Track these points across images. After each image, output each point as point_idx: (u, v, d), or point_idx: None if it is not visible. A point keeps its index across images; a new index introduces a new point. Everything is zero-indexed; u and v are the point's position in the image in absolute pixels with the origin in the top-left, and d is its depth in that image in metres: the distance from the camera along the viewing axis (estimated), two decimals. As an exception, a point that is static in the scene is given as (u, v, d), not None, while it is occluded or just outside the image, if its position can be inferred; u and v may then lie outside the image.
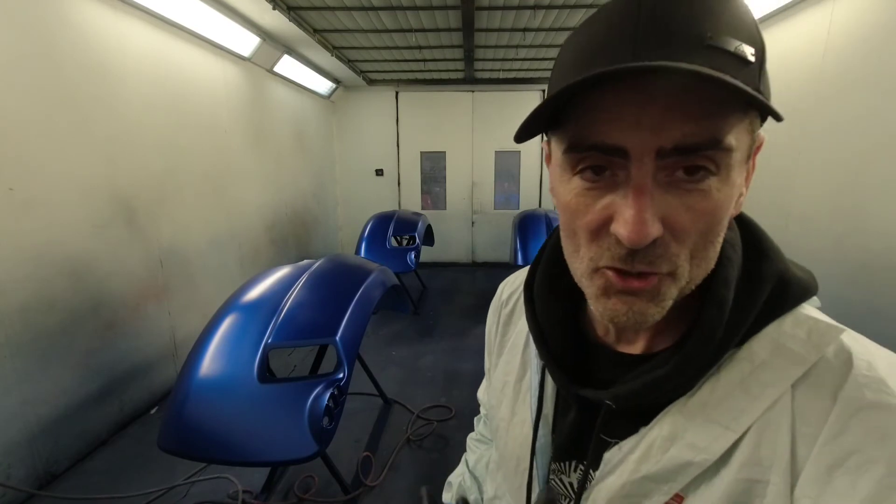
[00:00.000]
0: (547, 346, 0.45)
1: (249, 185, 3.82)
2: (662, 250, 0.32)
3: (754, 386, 0.34)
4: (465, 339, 3.67)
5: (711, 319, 0.35)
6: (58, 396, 2.04)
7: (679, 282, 0.34)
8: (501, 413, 0.53)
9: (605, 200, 0.33)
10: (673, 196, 0.32)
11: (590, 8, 3.30)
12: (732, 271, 0.37)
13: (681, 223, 0.32)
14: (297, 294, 1.84)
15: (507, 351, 0.55)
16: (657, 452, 0.36)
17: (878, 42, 2.11)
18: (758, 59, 0.31)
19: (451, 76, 5.56)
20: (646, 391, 0.37)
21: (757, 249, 0.39)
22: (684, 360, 0.36)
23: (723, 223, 0.33)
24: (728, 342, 0.35)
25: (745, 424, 0.34)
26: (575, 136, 0.33)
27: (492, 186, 6.33)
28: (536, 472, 0.46)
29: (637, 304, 0.34)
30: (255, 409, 1.53)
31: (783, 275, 0.38)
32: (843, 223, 2.30)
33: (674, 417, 0.36)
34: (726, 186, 0.32)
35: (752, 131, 0.33)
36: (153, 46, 2.64)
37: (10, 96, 1.82)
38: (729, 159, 0.31)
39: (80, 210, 2.15)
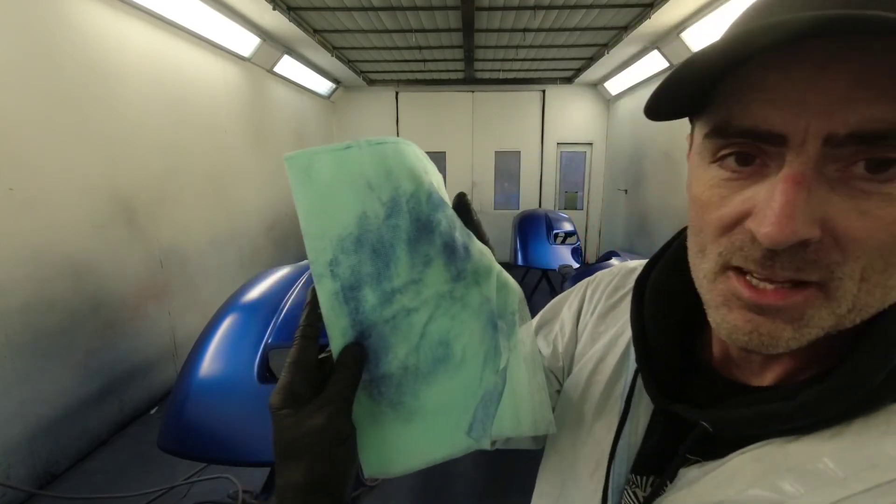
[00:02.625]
0: (647, 354, 0.39)
1: (249, 185, 3.82)
2: (816, 256, 0.25)
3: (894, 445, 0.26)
4: (465, 339, 3.66)
5: (869, 357, 0.27)
6: (58, 396, 2.04)
7: (836, 305, 0.26)
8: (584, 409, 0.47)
9: (748, 193, 0.27)
10: (843, 197, 0.24)
11: (590, 8, 3.30)
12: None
13: (851, 231, 0.24)
14: (298, 294, 1.84)
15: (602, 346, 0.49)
16: (742, 481, 0.30)
17: None
18: None
19: (451, 76, 5.56)
20: (756, 422, 0.30)
21: None
22: (818, 400, 0.28)
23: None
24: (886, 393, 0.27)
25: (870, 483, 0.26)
26: (723, 119, 0.27)
27: (492, 186, 6.34)
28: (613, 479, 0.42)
29: (766, 324, 0.27)
30: (255, 409, 1.53)
31: None
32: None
33: (776, 450, 0.30)
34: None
35: None
36: (153, 46, 2.64)
37: (10, 96, 1.82)
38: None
39: (80, 210, 2.15)
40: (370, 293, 0.35)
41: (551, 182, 6.38)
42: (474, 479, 2.03)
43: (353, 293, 0.35)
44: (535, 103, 6.07)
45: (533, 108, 6.08)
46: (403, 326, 0.36)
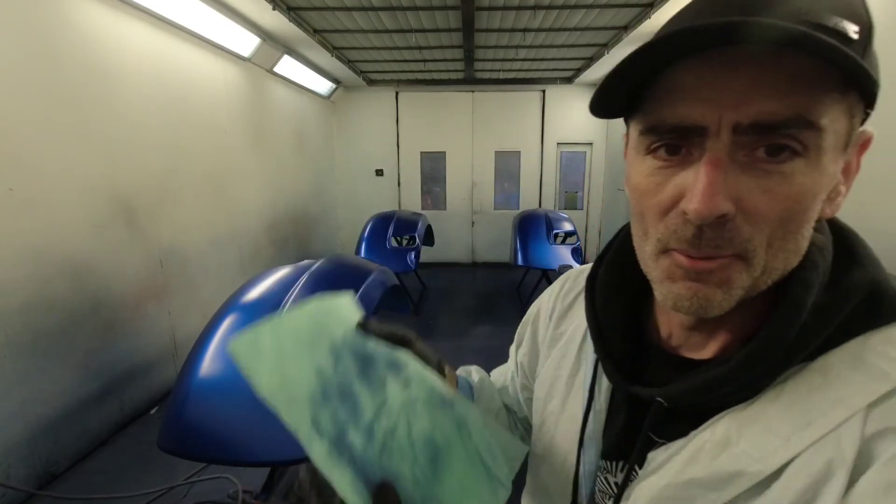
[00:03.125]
0: (603, 342, 0.44)
1: (249, 185, 3.82)
2: (732, 233, 0.30)
3: (824, 400, 0.31)
4: (465, 340, 3.67)
5: (782, 320, 0.32)
6: (58, 396, 2.04)
7: (752, 270, 0.31)
8: (551, 406, 0.51)
9: (678, 179, 0.32)
10: (750, 177, 0.30)
11: (590, 8, 3.30)
12: (815, 275, 0.33)
13: (756, 206, 0.30)
14: (297, 294, 1.84)
15: (562, 345, 0.53)
16: (706, 457, 0.34)
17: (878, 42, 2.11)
18: (862, 37, 0.29)
19: (451, 76, 5.56)
20: (703, 390, 0.35)
21: (849, 255, 0.36)
22: (747, 361, 0.33)
23: (808, 212, 0.31)
24: (800, 350, 0.32)
25: (809, 440, 0.30)
26: (652, 118, 0.32)
27: (492, 186, 6.34)
28: (583, 467, 0.45)
29: (703, 289, 0.32)
30: (255, 409, 1.53)
31: (877, 286, 0.34)
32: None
33: (728, 422, 0.34)
34: (815, 172, 0.29)
35: (852, 117, 0.31)
36: (153, 46, 2.64)
37: (10, 96, 1.82)
38: (819, 141, 0.29)
39: (80, 210, 2.15)
40: (355, 435, 0.38)
41: (551, 182, 6.38)
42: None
43: (342, 442, 0.38)
44: (535, 103, 6.06)
45: (533, 108, 6.08)
46: (395, 447, 0.38)
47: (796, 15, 0.28)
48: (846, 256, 0.36)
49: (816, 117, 0.28)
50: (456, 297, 4.93)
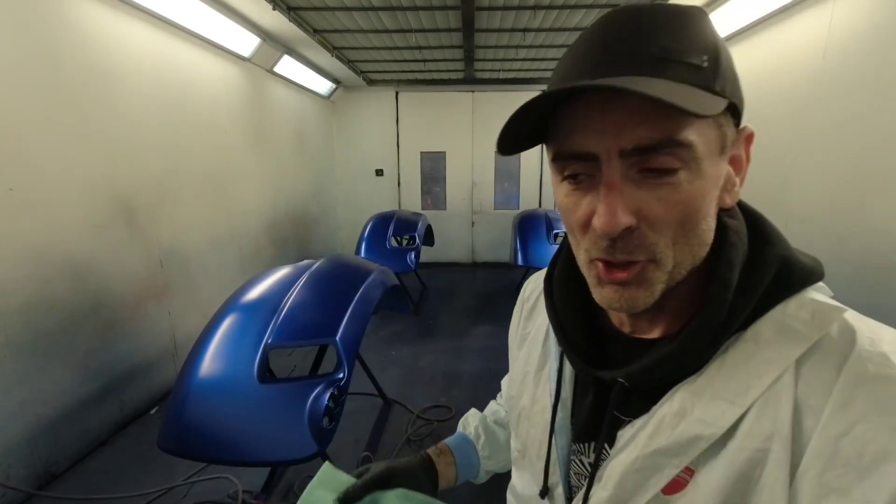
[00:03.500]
0: (565, 334, 0.48)
1: (249, 185, 3.82)
2: (639, 240, 0.36)
3: (758, 363, 0.36)
4: (465, 340, 3.67)
5: (714, 298, 0.37)
6: (58, 396, 2.04)
7: (664, 267, 0.37)
8: (523, 402, 0.56)
9: (588, 198, 0.38)
10: (645, 191, 0.35)
11: (590, 8, 3.30)
12: (736, 256, 0.39)
13: (654, 214, 0.35)
14: (297, 294, 1.84)
15: (528, 343, 0.58)
16: (667, 428, 0.38)
17: (879, 42, 2.11)
18: (711, 62, 0.35)
19: (451, 76, 5.56)
20: (655, 367, 0.39)
21: (760, 236, 0.41)
22: (689, 337, 0.38)
23: (700, 211, 0.36)
24: (732, 322, 0.37)
25: (750, 399, 0.35)
26: (556, 148, 0.38)
27: (492, 186, 6.33)
28: (556, 453, 0.49)
29: (626, 292, 0.38)
30: (255, 410, 1.53)
31: (786, 259, 0.39)
32: (843, 223, 2.30)
33: (683, 395, 0.39)
34: (697, 178, 0.35)
35: (721, 125, 0.36)
36: (153, 46, 2.64)
37: (10, 96, 1.82)
38: (693, 153, 0.34)
39: (80, 210, 2.15)
40: None
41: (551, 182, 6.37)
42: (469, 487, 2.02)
43: None
44: (535, 103, 6.06)
45: (533, 108, 6.07)
46: None
47: (653, 53, 0.34)
48: (759, 237, 0.41)
49: (684, 136, 0.33)
50: (456, 297, 4.92)
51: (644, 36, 0.35)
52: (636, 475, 0.40)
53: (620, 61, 0.34)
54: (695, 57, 0.34)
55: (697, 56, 0.34)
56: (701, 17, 0.36)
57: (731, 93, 0.36)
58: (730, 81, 0.36)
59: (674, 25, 0.35)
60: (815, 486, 0.32)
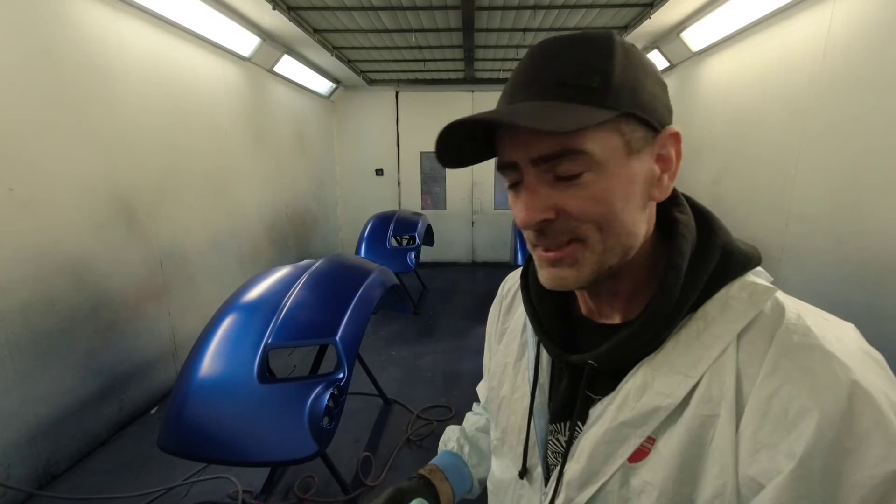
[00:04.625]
0: (541, 323, 0.53)
1: (249, 185, 3.82)
2: (560, 228, 0.42)
3: (707, 339, 0.42)
4: (465, 339, 3.67)
5: (667, 284, 0.43)
6: (58, 396, 2.04)
7: (593, 248, 0.43)
8: (503, 392, 0.60)
9: (520, 201, 0.44)
10: (559, 191, 0.41)
11: (590, 8, 3.30)
12: (686, 246, 0.44)
13: (570, 208, 0.41)
14: (297, 294, 1.84)
15: (507, 336, 0.63)
16: (632, 401, 0.44)
17: (878, 42, 2.11)
18: (602, 83, 0.40)
19: (451, 76, 5.56)
20: (619, 348, 0.45)
21: (707, 227, 0.47)
22: (647, 319, 0.43)
23: (616, 205, 0.41)
24: (684, 304, 0.43)
25: (701, 371, 0.41)
26: (498, 160, 0.45)
27: (492, 186, 6.33)
28: (535, 435, 0.53)
29: (558, 272, 0.44)
30: (255, 409, 1.53)
31: (728, 248, 0.45)
32: (843, 223, 2.30)
33: (644, 371, 0.44)
34: (604, 178, 0.41)
35: (623, 132, 0.41)
36: (153, 46, 2.64)
37: (10, 96, 1.82)
38: (593, 158, 0.40)
39: (80, 210, 2.15)
40: None
41: (551, 182, 6.38)
42: (474, 479, 2.02)
43: None
44: (535, 103, 6.06)
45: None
46: None
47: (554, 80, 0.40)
48: (705, 228, 0.47)
49: (578, 145, 0.39)
50: (456, 297, 4.92)
51: (550, 63, 0.41)
52: (605, 447, 0.45)
53: (529, 87, 0.42)
54: (586, 79, 0.40)
55: (589, 78, 0.40)
56: (601, 41, 0.41)
57: (630, 104, 0.40)
58: (626, 95, 0.40)
59: (574, 52, 0.41)
60: (751, 441, 0.37)
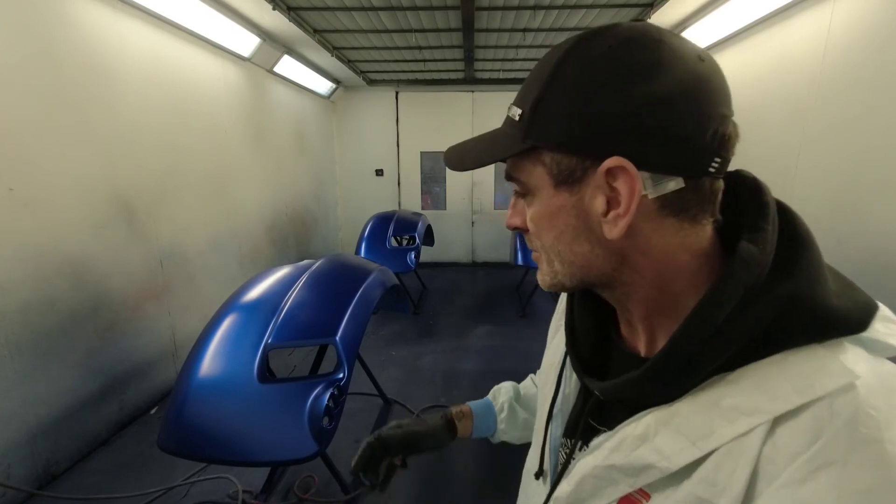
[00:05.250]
0: (574, 338, 0.51)
1: (249, 185, 3.82)
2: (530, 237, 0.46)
3: (728, 410, 0.34)
4: (465, 340, 3.67)
5: (683, 333, 0.36)
6: (58, 396, 2.04)
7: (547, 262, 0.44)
8: (546, 390, 0.59)
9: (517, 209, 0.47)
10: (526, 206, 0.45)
11: (590, 8, 3.30)
12: (730, 289, 0.35)
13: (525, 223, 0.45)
14: (297, 294, 1.84)
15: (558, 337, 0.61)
16: (626, 448, 0.39)
17: (878, 42, 2.11)
18: (524, 114, 0.41)
19: (451, 76, 5.56)
20: (622, 389, 0.41)
21: (784, 269, 0.36)
22: (653, 366, 0.37)
23: (546, 230, 0.43)
24: (710, 360, 0.35)
25: (713, 445, 0.34)
26: None
27: (492, 186, 6.33)
28: (549, 442, 0.53)
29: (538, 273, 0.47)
30: (255, 410, 1.53)
31: (802, 300, 0.34)
32: (843, 223, 2.30)
33: (649, 420, 0.39)
34: (535, 204, 0.43)
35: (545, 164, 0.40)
36: (153, 46, 2.64)
37: (10, 96, 1.82)
38: (524, 186, 0.43)
39: (80, 210, 2.15)
40: None
41: (551, 182, 6.38)
42: (474, 479, 2.03)
43: None
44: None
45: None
46: None
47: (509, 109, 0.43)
48: (781, 269, 0.36)
49: (515, 174, 0.44)
50: (456, 297, 4.92)
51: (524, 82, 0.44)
52: (594, 481, 0.42)
53: None
54: (514, 110, 0.42)
55: (516, 109, 0.42)
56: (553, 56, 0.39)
57: (540, 136, 0.40)
58: (544, 128, 0.39)
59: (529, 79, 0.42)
60: None
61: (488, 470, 2.06)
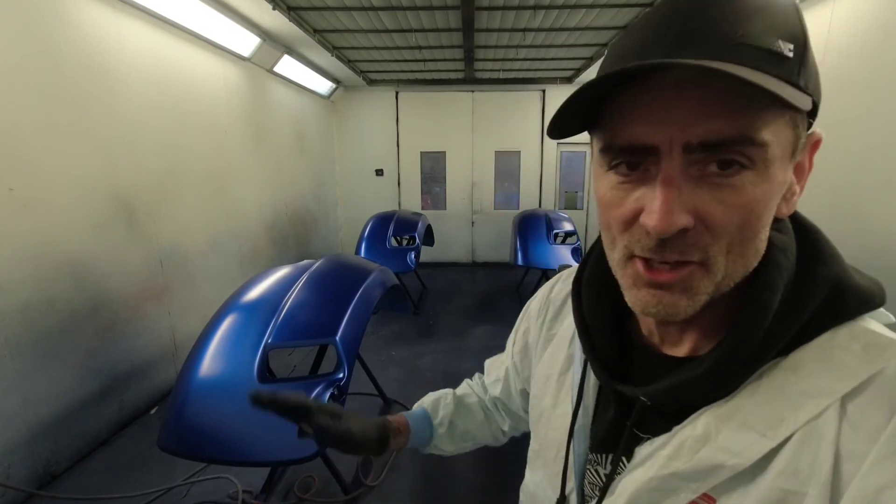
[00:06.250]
0: (591, 341, 0.46)
1: (249, 185, 3.82)
2: (694, 240, 0.32)
3: (796, 395, 0.33)
4: (465, 340, 3.67)
5: (748, 323, 0.34)
6: (58, 396, 2.04)
7: (713, 276, 0.34)
8: (544, 404, 0.54)
9: (637, 193, 0.34)
10: (705, 190, 0.32)
11: (590, 8, 3.30)
12: (779, 276, 0.35)
13: (713, 216, 0.32)
14: (297, 294, 1.84)
15: (553, 344, 0.56)
16: (688, 452, 0.36)
17: (878, 42, 2.11)
18: (797, 53, 0.31)
19: (451, 76, 5.56)
20: (680, 390, 0.37)
21: (812, 254, 0.37)
22: (717, 362, 0.35)
23: (762, 219, 0.33)
24: (770, 348, 0.35)
25: (784, 434, 0.33)
26: (609, 138, 0.35)
27: (492, 186, 6.33)
28: (573, 459, 0.47)
29: (667, 296, 0.35)
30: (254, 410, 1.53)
31: (840, 282, 0.36)
32: (842, 222, 2.30)
33: (707, 419, 0.36)
34: (764, 182, 0.32)
35: (795, 126, 0.33)
36: (153, 46, 2.64)
37: (10, 96, 1.82)
38: (764, 154, 0.31)
39: (80, 210, 2.15)
40: None
41: (551, 182, 6.38)
42: (474, 479, 2.03)
43: None
44: (535, 103, 6.06)
45: (533, 108, 6.08)
46: None
47: (730, 38, 0.30)
48: (810, 255, 0.37)
49: (759, 134, 0.30)
50: (456, 297, 4.92)
51: (722, 14, 0.30)
52: (649, 494, 0.38)
53: (692, 42, 0.30)
54: (780, 44, 0.30)
55: (783, 43, 0.30)
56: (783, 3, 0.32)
57: (814, 90, 0.32)
58: (813, 77, 0.32)
59: (758, 4, 0.31)
60: None
61: (488, 470, 2.06)
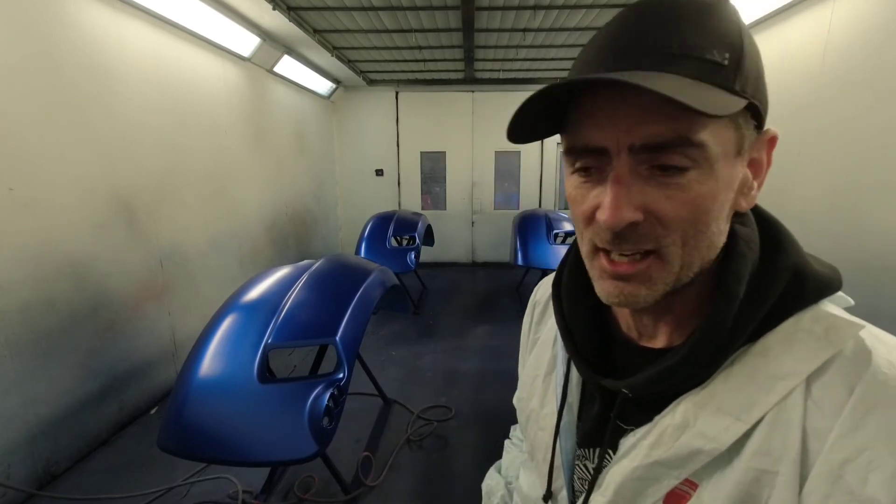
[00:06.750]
0: (573, 340, 0.48)
1: (249, 185, 3.82)
2: (645, 232, 0.35)
3: (765, 378, 0.35)
4: (465, 340, 3.67)
5: (718, 312, 0.37)
6: (58, 396, 2.04)
7: (671, 266, 0.36)
8: (532, 406, 0.56)
9: (595, 191, 0.37)
10: (653, 187, 0.35)
11: (590, 8, 3.30)
12: (744, 266, 0.38)
13: (663, 211, 0.35)
14: (297, 294, 1.84)
15: (538, 347, 0.58)
16: (668, 440, 0.38)
17: (878, 42, 2.11)
18: (734, 61, 0.33)
19: (451, 76, 5.56)
20: (658, 380, 0.39)
21: (772, 244, 0.40)
22: (691, 351, 0.37)
23: (711, 213, 0.35)
24: (739, 334, 0.37)
25: (756, 416, 0.35)
26: (569, 140, 0.38)
27: (492, 186, 6.33)
28: (561, 457, 0.49)
29: (627, 287, 0.38)
30: (255, 410, 1.53)
31: (800, 269, 0.38)
32: (841, 223, 2.30)
33: (685, 407, 0.38)
34: (710, 179, 0.34)
35: (739, 126, 0.35)
36: (153, 46, 2.64)
37: (10, 96, 1.82)
38: (705, 154, 0.33)
39: (80, 210, 2.15)
40: None
41: (551, 182, 6.38)
42: (474, 479, 2.03)
43: None
44: (535, 103, 6.06)
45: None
46: None
47: (672, 50, 0.33)
48: (771, 245, 0.40)
49: (697, 135, 0.32)
50: (456, 297, 4.92)
51: (664, 28, 0.34)
52: (635, 483, 0.40)
53: (637, 55, 0.34)
54: (715, 53, 0.33)
55: (719, 52, 0.33)
56: (725, 8, 0.35)
57: (753, 93, 0.34)
58: (752, 80, 0.35)
59: (696, 18, 0.34)
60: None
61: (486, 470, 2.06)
